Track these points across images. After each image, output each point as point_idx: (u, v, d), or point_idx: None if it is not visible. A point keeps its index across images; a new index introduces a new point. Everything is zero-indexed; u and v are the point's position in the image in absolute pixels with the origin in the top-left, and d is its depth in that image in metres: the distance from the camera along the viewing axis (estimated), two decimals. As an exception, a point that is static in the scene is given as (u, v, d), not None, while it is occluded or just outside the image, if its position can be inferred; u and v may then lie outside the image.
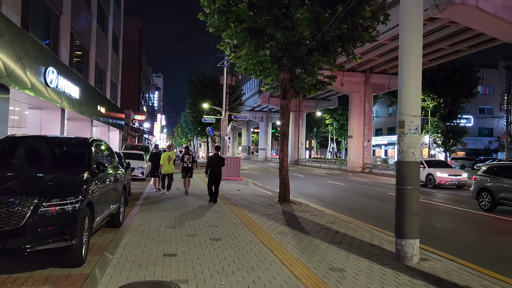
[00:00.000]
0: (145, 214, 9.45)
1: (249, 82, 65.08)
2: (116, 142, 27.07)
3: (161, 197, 12.90)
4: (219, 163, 12.10)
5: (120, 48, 27.35)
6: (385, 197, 16.29)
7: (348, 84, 35.32)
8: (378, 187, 21.10)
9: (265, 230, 8.06)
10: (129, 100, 40.07)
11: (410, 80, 6.13)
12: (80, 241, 4.86)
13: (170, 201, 12.11)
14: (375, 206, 13.58)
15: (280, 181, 12.39)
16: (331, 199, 15.16)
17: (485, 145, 59.54)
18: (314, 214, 10.42)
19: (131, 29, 41.90)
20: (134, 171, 18.13)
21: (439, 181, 20.58)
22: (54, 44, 13.04)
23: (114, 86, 26.00)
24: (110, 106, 22.99)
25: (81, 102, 15.16)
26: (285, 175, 12.28)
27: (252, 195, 14.62)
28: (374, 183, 23.84)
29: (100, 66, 20.89)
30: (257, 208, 11.20)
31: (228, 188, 17.23)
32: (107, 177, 6.48)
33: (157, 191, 14.44)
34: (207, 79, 38.67)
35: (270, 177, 26.49)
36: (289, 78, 12.35)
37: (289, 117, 12.63)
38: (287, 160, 12.37)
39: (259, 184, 20.62)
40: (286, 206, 11.64)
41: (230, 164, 21.72)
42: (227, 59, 13.05)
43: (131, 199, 12.06)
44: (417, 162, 6.06)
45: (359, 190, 19.20)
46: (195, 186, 16.95)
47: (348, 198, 15.69)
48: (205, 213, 9.95)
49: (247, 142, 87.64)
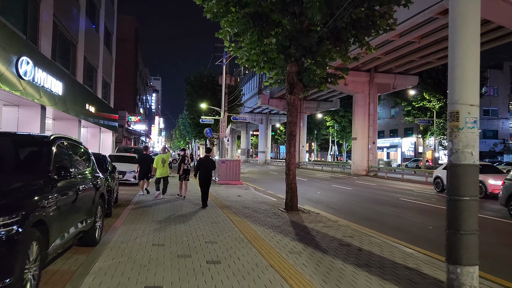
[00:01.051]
0: (130, 227, 8.02)
1: (248, 83, 63.73)
2: (109, 145, 25.65)
3: (153, 204, 11.48)
4: (210, 166, 11.71)
5: (113, 45, 25.96)
6: (399, 204, 14.88)
7: (352, 84, 33.96)
8: (388, 192, 19.69)
9: (274, 248, 6.65)
10: (125, 101, 38.68)
11: (467, 58, 4.73)
12: (20, 278, 3.43)
13: (162, 208, 10.69)
14: (391, 214, 12.17)
15: (287, 187, 10.98)
16: (341, 206, 13.75)
17: (490, 148, 58.21)
18: (328, 226, 9.01)
19: (126, 28, 40.59)
20: (126, 175, 16.78)
21: (492, 189, 16.88)
22: (32, 33, 11.65)
23: (107, 85, 24.60)
24: (101, 105, 21.58)
25: (65, 99, 13.75)
26: (292, 180, 10.87)
27: (254, 201, 13.20)
28: (383, 187, 22.44)
29: (90, 62, 19.50)
30: (261, 218, 9.79)
31: (228, 193, 15.82)
32: (73, 185, 5.05)
33: (143, 194, 13.75)
34: (205, 79, 37.26)
35: (272, 181, 25.07)
36: (297, 71, 10.97)
37: (297, 114, 11.23)
38: (294, 163, 10.96)
39: (260, 189, 19.23)
40: (294, 215, 10.23)
41: (229, 168, 20.33)
42: (227, 51, 11.63)
43: (118, 207, 10.64)
44: (476, 165, 4.67)
45: (368, 195, 17.79)
46: (192, 191, 15.54)
47: (359, 205, 14.28)
48: (201, 225, 8.53)
49: (247, 144, 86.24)
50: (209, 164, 11.76)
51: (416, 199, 16.51)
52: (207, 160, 11.81)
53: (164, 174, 13.40)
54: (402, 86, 35.60)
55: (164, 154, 13.84)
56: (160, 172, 13.32)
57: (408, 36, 24.92)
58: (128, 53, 40.50)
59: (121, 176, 16.68)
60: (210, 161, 11.88)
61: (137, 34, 43.57)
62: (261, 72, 11.91)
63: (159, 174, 13.32)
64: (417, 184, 25.72)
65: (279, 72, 11.67)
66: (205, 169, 11.61)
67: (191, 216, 9.65)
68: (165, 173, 13.44)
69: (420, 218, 11.62)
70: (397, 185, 24.04)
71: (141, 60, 52.60)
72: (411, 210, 13.31)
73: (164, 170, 13.39)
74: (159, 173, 13.31)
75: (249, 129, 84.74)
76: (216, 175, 21.09)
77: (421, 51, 28.64)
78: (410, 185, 24.88)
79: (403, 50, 28.02)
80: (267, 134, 68.90)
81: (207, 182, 11.63)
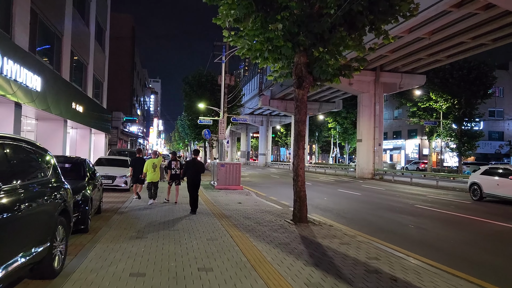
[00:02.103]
0: (108, 246, 6.60)
1: (248, 84, 62.37)
2: (102, 147, 24.24)
3: (141, 213, 10.05)
4: (199, 169, 11.13)
5: (106, 42, 24.58)
6: (416, 212, 13.46)
7: (356, 84, 32.58)
8: (399, 197, 18.27)
9: (285, 278, 5.24)
10: (121, 101, 37.30)
11: None
12: None
13: (150, 219, 9.26)
14: (411, 225, 10.75)
15: (295, 195, 9.56)
16: (353, 215, 12.33)
17: (495, 149, 56.83)
18: (345, 242, 7.59)
19: (123, 26, 39.25)
20: (116, 180, 15.39)
21: None
22: (4, 21, 10.26)
23: (99, 84, 23.21)
24: (92, 105, 20.18)
25: (45, 96, 12.35)
26: (301, 187, 9.46)
27: (257, 210, 11.78)
28: (392, 192, 21.01)
29: (79, 58, 18.11)
30: (266, 231, 8.37)
31: (227, 200, 14.41)
32: (11, 203, 3.62)
33: (137, 198, 13.10)
34: (204, 78, 35.92)
35: (274, 185, 23.66)
36: (306, 62, 9.58)
37: (306, 112, 9.83)
38: (303, 167, 9.55)
39: (262, 194, 17.83)
40: (304, 229, 8.81)
41: (229, 172, 18.93)
42: (226, 42, 10.20)
43: (100, 219, 9.22)
44: None
45: (379, 201, 16.38)
46: (187, 198, 14.08)
47: (373, 213, 12.86)
48: (195, 242, 7.11)
49: (246, 147, 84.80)
50: (198, 167, 11.15)
51: (433, 206, 15.09)
52: (195, 163, 11.24)
53: (155, 179, 12.66)
54: (409, 86, 34.21)
55: (155, 159, 13.03)
56: (151, 177, 12.57)
57: (417, 31, 23.56)
58: (124, 52, 39.13)
59: (110, 181, 15.33)
60: (198, 164, 11.31)
61: (134, 32, 42.21)
62: (264, 64, 10.49)
63: (150, 179, 12.59)
64: (428, 188, 24.31)
65: (285, 65, 10.29)
66: (193, 172, 10.98)
67: (184, 230, 8.23)
68: (156, 178, 12.68)
69: (447, 230, 10.21)
70: (407, 190, 22.62)
71: (138, 60, 51.22)
72: (432, 219, 11.88)
73: (155, 175, 12.66)
74: (149, 177, 12.58)
75: (249, 131, 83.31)
76: (215, 179, 19.69)
77: (430, 48, 27.27)
78: (421, 189, 23.46)
79: (411, 47, 26.66)
80: (268, 136, 67.47)
81: (196, 186, 10.96)
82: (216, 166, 19.68)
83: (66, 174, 8.60)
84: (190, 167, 11.19)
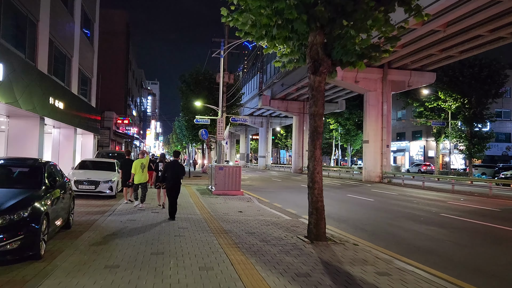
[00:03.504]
0: (60, 284, 4.74)
1: (248, 84, 60.55)
2: (90, 148, 22.35)
3: (120, 229, 8.16)
4: (178, 172, 10.20)
5: (95, 35, 22.71)
6: (445, 222, 11.61)
7: (363, 81, 30.76)
8: (418, 204, 16.43)
9: None
10: (114, 101, 35.42)
11: None
12: None
13: (130, 237, 7.38)
14: (448, 241, 8.92)
15: (311, 206, 7.69)
16: (374, 227, 10.49)
17: (502, 151, 55.10)
18: (383, 272, 5.74)
19: (116, 23, 37.44)
20: (100, 186, 13.54)
21: None
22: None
23: (86, 80, 21.32)
24: (77, 103, 18.32)
25: (11, 87, 10.46)
26: (318, 196, 7.60)
27: (261, 221, 9.92)
28: (407, 197, 19.16)
29: (60, 49, 16.24)
30: (277, 254, 6.52)
31: (226, 208, 12.56)
32: None
33: (127, 202, 12.51)
34: (202, 76, 34.03)
35: (276, 190, 21.80)
36: (323, 42, 7.75)
37: (323, 103, 7.99)
38: (321, 171, 7.68)
39: (265, 201, 16.02)
40: (324, 250, 6.95)
41: (228, 176, 17.08)
42: (225, 22, 8.34)
43: (65, 237, 7.35)
44: None
45: (397, 209, 14.54)
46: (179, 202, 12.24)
47: (395, 224, 11.02)
48: (183, 273, 5.26)
49: (246, 149, 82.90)
50: (178, 170, 10.21)
51: (461, 215, 13.23)
52: (175, 165, 10.29)
53: (143, 180, 11.97)
54: (418, 84, 32.36)
55: (143, 159, 12.25)
56: (138, 178, 11.87)
57: (432, 23, 21.76)
58: (118, 49, 37.29)
59: (93, 187, 13.48)
60: (178, 166, 10.35)
61: (128, 29, 40.34)
62: (271, 47, 8.64)
63: (138, 180, 11.90)
64: (444, 193, 22.47)
65: (295, 50, 8.45)
66: (172, 175, 10.06)
67: (170, 253, 6.37)
68: (144, 180, 11.98)
69: (491, 248, 8.39)
70: (422, 195, 20.76)
71: (134, 58, 49.35)
72: (468, 233, 10.05)
73: (143, 176, 11.95)
74: (137, 179, 11.88)
75: (249, 132, 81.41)
76: (213, 184, 17.85)
77: (443, 43, 25.48)
78: (436, 194, 21.61)
79: (423, 41, 24.84)
80: (268, 138, 65.56)
81: (175, 191, 10.10)
82: (214, 169, 17.83)
83: (13, 182, 6.78)
84: (169, 169, 10.22)
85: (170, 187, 10.16)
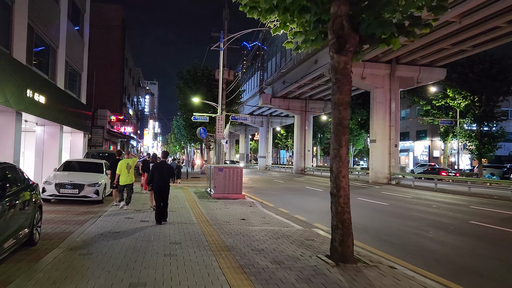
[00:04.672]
0: None
1: (248, 83, 59.01)
2: (80, 148, 20.78)
3: (97, 246, 6.59)
4: (167, 173, 9.62)
5: (85, 26, 21.09)
6: (481, 233, 10.09)
7: (370, 78, 29.25)
8: (438, 208, 14.91)
9: None
10: (109, 99, 33.81)
11: None
12: None
13: (107, 260, 5.82)
14: (496, 258, 7.39)
15: (335, 218, 6.12)
16: (399, 238, 8.96)
17: (509, 151, 53.66)
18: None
19: (111, 17, 35.86)
20: (84, 190, 12.00)
21: None
22: None
23: (75, 74, 19.72)
24: (63, 98, 16.74)
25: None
26: (345, 206, 6.04)
27: (269, 232, 8.37)
28: (423, 201, 17.64)
29: (43, 37, 14.66)
30: (294, 284, 4.98)
31: (227, 214, 11.04)
32: None
33: (116, 204, 11.85)
34: (200, 72, 32.44)
35: (280, 192, 20.26)
36: (348, 14, 6.21)
37: (349, 90, 6.43)
38: (347, 175, 6.13)
39: (269, 205, 14.53)
40: (355, 277, 5.39)
41: (228, 178, 15.54)
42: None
43: (23, 259, 5.81)
44: None
45: (417, 215, 13.01)
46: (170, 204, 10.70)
47: (423, 235, 9.49)
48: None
49: (246, 149, 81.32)
50: (166, 171, 9.58)
51: (494, 222, 11.70)
52: (163, 166, 9.61)
53: (129, 182, 11.60)
54: (427, 80, 30.81)
55: (129, 159, 11.86)
56: (124, 179, 11.47)
57: (447, 13, 20.17)
58: (113, 45, 35.68)
59: (76, 191, 11.92)
60: (167, 167, 9.73)
61: (124, 24, 38.73)
62: (281, 27, 7.14)
63: (123, 182, 11.49)
64: (460, 196, 20.95)
65: (310, 28, 6.90)
66: (161, 177, 9.39)
67: (156, 283, 4.82)
68: (130, 181, 11.61)
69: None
70: (439, 198, 19.23)
71: (130, 56, 47.74)
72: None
73: (130, 177, 11.58)
74: (123, 180, 11.47)
75: (248, 132, 79.85)
76: (212, 186, 16.31)
77: (456, 36, 23.95)
78: (453, 197, 20.09)
79: (436, 34, 23.29)
80: (268, 138, 63.96)
81: (164, 194, 9.39)
82: (213, 170, 16.28)
83: None
84: (156, 171, 9.47)
85: (158, 190, 9.36)
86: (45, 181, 12.11)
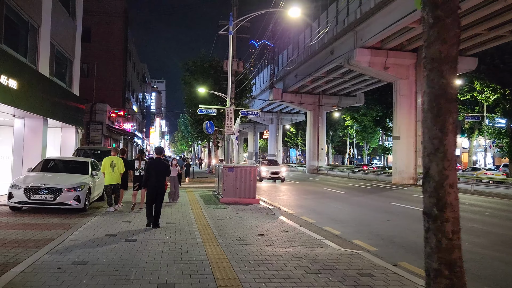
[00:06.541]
0: None
1: (257, 78, 56.46)
2: (72, 145, 18.43)
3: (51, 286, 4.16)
4: (162, 172, 8.43)
5: (78, 8, 18.69)
6: None
7: (393, 68, 26.56)
8: (497, 217, 12.34)
9: None
10: (110, 93, 31.48)
11: None
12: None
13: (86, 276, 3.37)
14: None
15: (436, 256, 3.50)
16: (487, 267, 6.46)
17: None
18: None
19: (113, 7, 33.55)
20: (61, 195, 9.57)
21: None
22: None
23: (65, 60, 17.34)
24: (46, 86, 14.35)
25: None
26: (454, 236, 3.44)
27: (302, 260, 5.86)
28: (467, 206, 15.04)
29: (19, 11, 12.27)
30: None
31: (240, 227, 8.61)
32: None
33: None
34: (207, 64, 29.97)
35: (297, 194, 17.75)
36: None
37: (459, 34, 3.89)
38: (456, 183, 3.58)
39: (290, 213, 12.16)
40: None
41: (240, 179, 13.10)
42: None
43: None
44: None
45: (479, 227, 10.47)
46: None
47: (508, 260, 6.94)
48: None
49: (254, 147, 78.87)
50: (161, 169, 8.45)
51: None
52: (158, 163, 8.54)
53: (114, 181, 10.60)
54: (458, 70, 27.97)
55: (114, 156, 10.75)
56: (109, 179, 10.50)
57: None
58: (114, 37, 33.35)
59: (52, 197, 9.48)
60: (161, 165, 8.56)
61: (126, 15, 36.41)
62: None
63: (108, 181, 10.50)
64: (506, 199, 18.30)
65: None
66: (157, 175, 8.37)
67: None
68: (115, 180, 10.62)
69: None
70: (484, 203, 16.60)
71: (134, 50, 45.42)
72: None
73: (115, 176, 10.58)
74: (108, 179, 10.50)
75: (257, 130, 77.33)
76: (220, 189, 13.84)
77: (495, 18, 21.17)
78: (500, 201, 17.47)
79: (473, 15, 20.53)
80: (278, 135, 61.37)
81: (158, 195, 8.38)
82: (221, 170, 13.79)
83: None
84: (151, 169, 8.40)
85: (151, 190, 8.36)
86: (12, 185, 9.71)
